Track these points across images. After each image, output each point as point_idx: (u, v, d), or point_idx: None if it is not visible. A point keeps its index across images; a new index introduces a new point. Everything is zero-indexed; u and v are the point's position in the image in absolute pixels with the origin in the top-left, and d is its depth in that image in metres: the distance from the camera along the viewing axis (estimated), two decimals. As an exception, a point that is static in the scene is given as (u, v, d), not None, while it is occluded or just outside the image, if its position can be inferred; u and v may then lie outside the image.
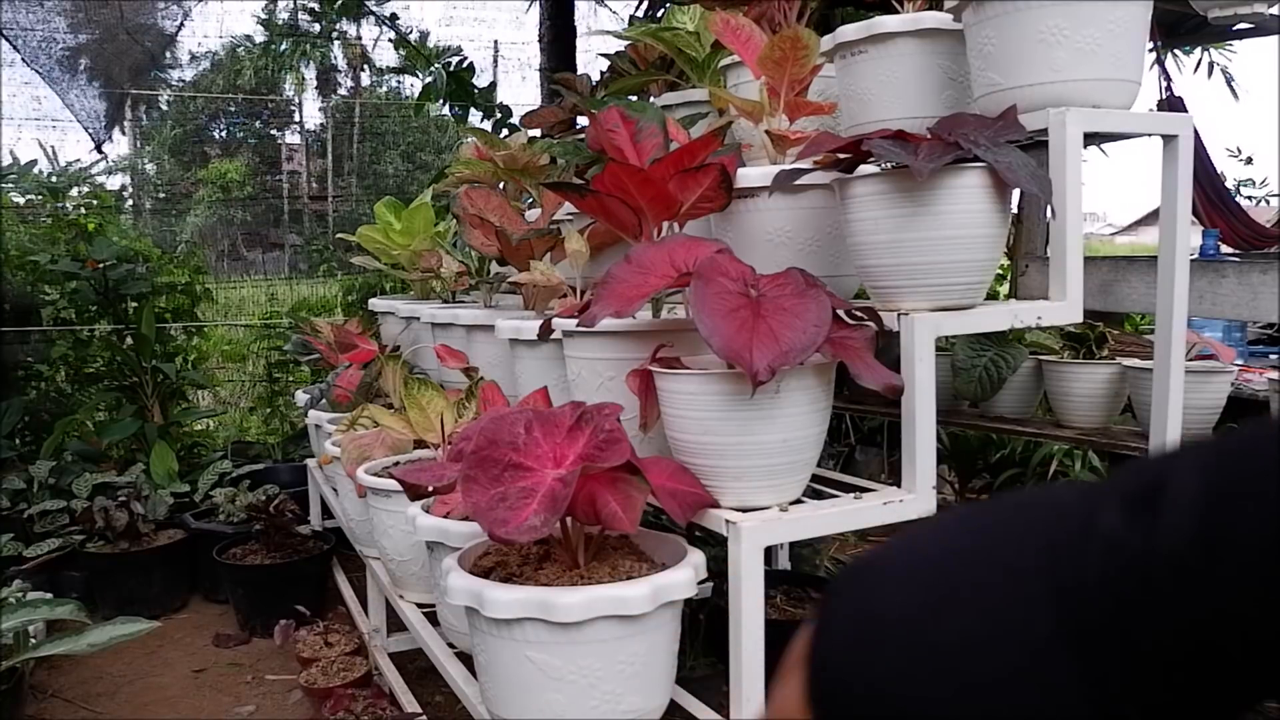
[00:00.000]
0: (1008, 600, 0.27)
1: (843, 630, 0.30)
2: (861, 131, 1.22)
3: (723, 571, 1.15)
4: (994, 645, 0.27)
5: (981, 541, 0.29)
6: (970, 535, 0.29)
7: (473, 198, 1.94)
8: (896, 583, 0.29)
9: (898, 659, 0.28)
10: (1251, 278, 2.11)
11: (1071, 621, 0.26)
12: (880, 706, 0.28)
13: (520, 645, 1.05)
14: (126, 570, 2.95)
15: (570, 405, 1.14)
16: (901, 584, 0.29)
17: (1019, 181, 1.10)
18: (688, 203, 1.29)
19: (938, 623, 0.28)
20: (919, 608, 0.28)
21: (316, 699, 2.13)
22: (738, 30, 1.47)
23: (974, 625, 0.27)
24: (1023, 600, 0.27)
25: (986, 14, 1.25)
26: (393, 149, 14.86)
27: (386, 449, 1.84)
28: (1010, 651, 0.26)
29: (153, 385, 3.68)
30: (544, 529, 1.00)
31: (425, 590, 1.72)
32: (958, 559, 0.28)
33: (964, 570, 0.28)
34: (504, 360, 1.75)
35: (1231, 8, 3.11)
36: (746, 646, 1.08)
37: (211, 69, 16.89)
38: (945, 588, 0.28)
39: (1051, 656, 0.26)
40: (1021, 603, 0.27)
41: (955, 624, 0.27)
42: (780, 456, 1.11)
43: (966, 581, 0.28)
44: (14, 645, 1.99)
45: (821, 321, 1.03)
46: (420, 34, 12.59)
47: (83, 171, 4.53)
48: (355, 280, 4.44)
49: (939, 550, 0.29)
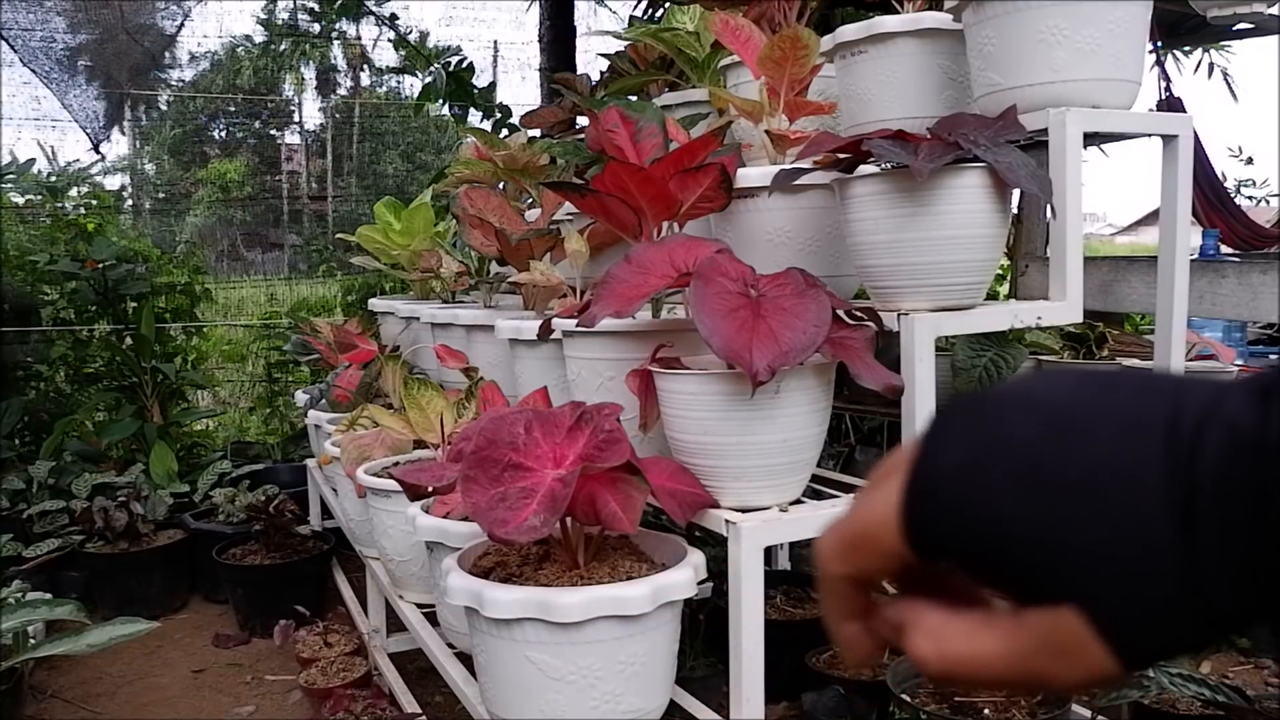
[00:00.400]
0: (1126, 452, 0.27)
1: (958, 445, 0.29)
2: (861, 131, 1.22)
3: (723, 571, 1.15)
4: (1107, 491, 0.26)
5: (1107, 395, 0.28)
6: (1096, 388, 0.29)
7: (472, 198, 1.94)
8: (1021, 412, 0.29)
9: (1009, 481, 0.28)
10: (1251, 278, 2.11)
11: (1180, 491, 0.26)
12: (981, 524, 0.28)
13: (520, 645, 1.05)
14: (126, 570, 2.95)
15: (570, 405, 1.14)
16: (1025, 413, 0.29)
17: (1019, 181, 1.10)
18: (688, 202, 1.29)
19: (1059, 455, 0.27)
20: (1042, 437, 0.28)
21: (316, 699, 2.13)
22: (737, 30, 1.47)
23: (1092, 467, 0.27)
24: (1141, 459, 0.27)
25: (986, 14, 1.25)
26: (392, 149, 14.86)
27: (386, 449, 1.84)
28: (1121, 502, 0.26)
29: (152, 385, 3.67)
30: (544, 529, 1.00)
31: (425, 590, 1.71)
32: (1082, 404, 0.28)
33: (1089, 414, 0.28)
34: (504, 360, 1.75)
35: (1231, 8, 3.12)
36: (746, 646, 1.08)
37: (211, 69, 16.88)
38: (1069, 425, 0.28)
39: (1156, 520, 0.26)
40: (1140, 460, 0.27)
41: (1075, 461, 0.27)
42: (780, 456, 1.11)
43: (1090, 424, 0.28)
44: (13, 645, 1.99)
45: (821, 321, 1.03)
46: (420, 34, 12.57)
47: (82, 171, 4.53)
48: (355, 280, 4.43)
49: (1064, 394, 0.29)
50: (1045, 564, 0.28)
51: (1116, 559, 0.26)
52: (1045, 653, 0.28)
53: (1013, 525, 0.28)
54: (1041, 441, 0.28)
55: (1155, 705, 1.68)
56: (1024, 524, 0.27)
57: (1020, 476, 0.28)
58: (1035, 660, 0.29)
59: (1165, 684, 1.40)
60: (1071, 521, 0.27)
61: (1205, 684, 1.41)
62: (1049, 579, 0.28)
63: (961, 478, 0.29)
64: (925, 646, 0.31)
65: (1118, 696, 1.42)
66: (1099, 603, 0.27)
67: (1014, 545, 0.28)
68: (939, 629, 0.31)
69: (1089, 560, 0.27)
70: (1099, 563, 0.27)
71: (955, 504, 0.29)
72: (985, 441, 0.29)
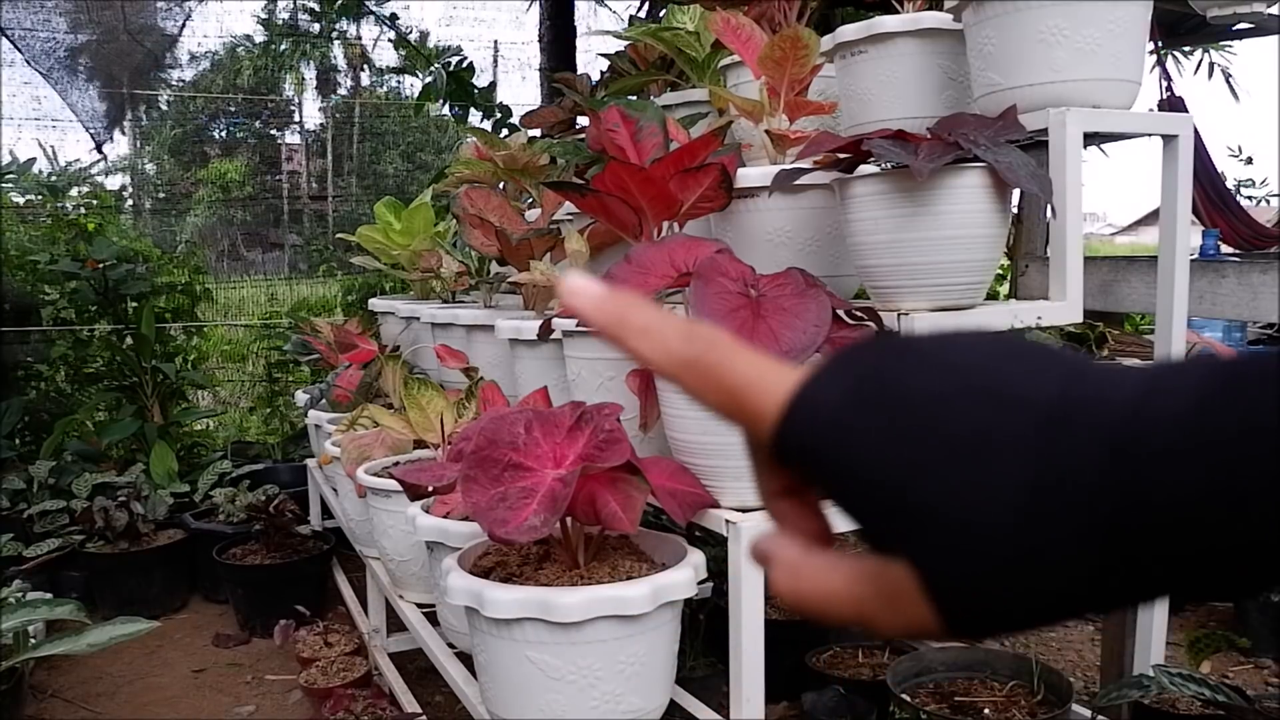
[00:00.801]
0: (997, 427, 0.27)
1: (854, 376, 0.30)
2: (861, 131, 1.22)
3: (723, 571, 1.15)
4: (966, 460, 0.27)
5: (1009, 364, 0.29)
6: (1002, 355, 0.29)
7: (473, 198, 1.94)
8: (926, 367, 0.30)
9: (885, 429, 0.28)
10: (1251, 278, 2.11)
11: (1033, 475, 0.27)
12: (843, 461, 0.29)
13: (520, 645, 1.05)
14: (126, 570, 2.95)
15: (570, 405, 1.14)
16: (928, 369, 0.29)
17: (1019, 181, 1.10)
18: (688, 202, 1.29)
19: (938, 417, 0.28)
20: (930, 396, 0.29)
21: (316, 699, 2.13)
22: (738, 30, 1.47)
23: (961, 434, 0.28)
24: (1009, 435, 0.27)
25: (986, 14, 1.25)
26: (393, 149, 14.86)
27: (386, 449, 1.84)
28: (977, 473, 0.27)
29: (152, 385, 3.67)
30: (544, 529, 1.00)
31: (425, 590, 1.72)
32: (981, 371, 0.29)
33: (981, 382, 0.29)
34: (504, 360, 1.75)
35: (1231, 7, 3.11)
36: (746, 646, 1.08)
37: (211, 69, 16.88)
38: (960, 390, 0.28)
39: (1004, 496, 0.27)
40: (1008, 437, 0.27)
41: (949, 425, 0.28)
42: (780, 456, 1.11)
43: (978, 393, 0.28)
44: (14, 645, 1.99)
45: (821, 321, 1.03)
46: (420, 34, 12.58)
47: (82, 171, 4.54)
48: (355, 280, 4.43)
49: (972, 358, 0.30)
50: (892, 515, 0.28)
51: (957, 527, 0.27)
52: (877, 600, 0.30)
53: (873, 471, 0.28)
54: (927, 400, 0.28)
55: (1155, 705, 1.68)
56: (883, 472, 0.28)
57: (896, 428, 0.28)
58: (869, 605, 0.30)
59: (1165, 684, 1.40)
60: (927, 481, 0.27)
61: (1205, 684, 1.41)
62: (893, 531, 0.29)
63: (843, 409, 0.29)
64: (782, 581, 0.32)
65: (1117, 696, 1.42)
66: (933, 565, 0.28)
67: (869, 489, 0.29)
68: (795, 565, 0.32)
69: (932, 521, 0.27)
70: (941, 526, 0.27)
71: (828, 433, 0.30)
72: (879, 383, 0.29)
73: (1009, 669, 1.75)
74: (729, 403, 0.32)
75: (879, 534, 0.29)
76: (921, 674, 1.78)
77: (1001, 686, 1.73)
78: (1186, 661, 1.68)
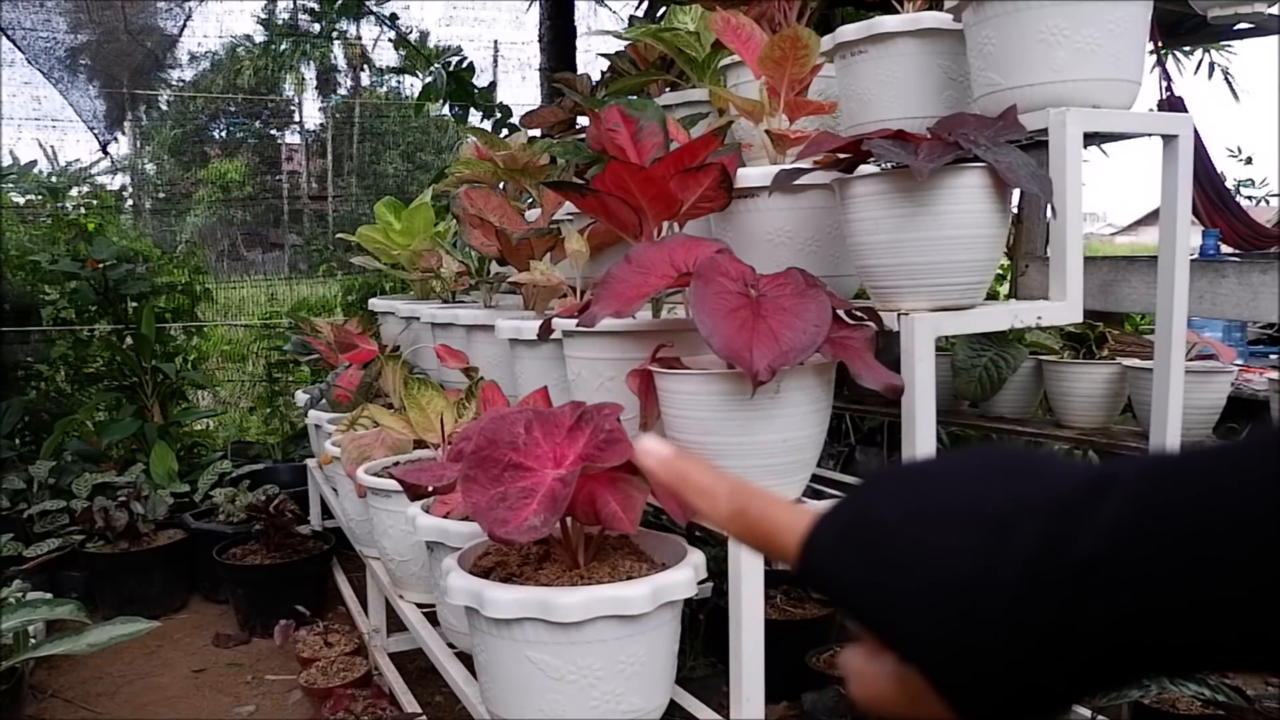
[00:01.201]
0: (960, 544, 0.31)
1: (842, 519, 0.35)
2: (861, 131, 1.22)
3: (723, 571, 1.15)
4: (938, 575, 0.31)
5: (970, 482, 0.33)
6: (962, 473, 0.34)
7: (473, 198, 1.94)
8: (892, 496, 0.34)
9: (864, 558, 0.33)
10: (1251, 278, 2.11)
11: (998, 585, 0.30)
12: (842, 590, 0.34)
13: (520, 645, 1.05)
14: (126, 570, 2.95)
15: (570, 405, 1.14)
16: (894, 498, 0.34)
17: (1019, 181, 1.10)
18: (688, 202, 1.29)
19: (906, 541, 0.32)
20: (897, 522, 0.33)
21: (316, 699, 2.13)
22: (738, 29, 1.47)
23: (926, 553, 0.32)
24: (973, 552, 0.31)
25: (986, 14, 1.25)
26: (393, 149, 14.85)
27: (386, 449, 1.84)
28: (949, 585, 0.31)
29: (153, 385, 3.68)
30: (544, 529, 1.00)
31: (425, 590, 1.72)
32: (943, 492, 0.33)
33: (943, 503, 0.33)
34: (504, 360, 1.75)
35: (1231, 7, 3.11)
36: (746, 646, 1.08)
37: (211, 69, 16.88)
38: (921, 515, 0.33)
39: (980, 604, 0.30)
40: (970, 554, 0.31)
41: (916, 546, 0.32)
42: (780, 456, 1.11)
43: (939, 514, 0.32)
44: (14, 645, 1.99)
45: (821, 321, 1.03)
46: (420, 34, 12.57)
47: (82, 171, 4.53)
48: (355, 280, 4.43)
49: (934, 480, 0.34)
50: (890, 630, 0.33)
51: (945, 634, 0.31)
52: (906, 698, 0.33)
53: (862, 595, 0.33)
54: (895, 526, 0.33)
55: (1155, 705, 1.68)
56: (869, 597, 0.33)
57: (871, 557, 0.33)
58: (908, 705, 0.34)
59: (1165, 684, 1.40)
60: (908, 597, 0.31)
61: (1205, 684, 1.41)
62: (896, 643, 0.33)
63: (835, 545, 0.34)
64: (853, 688, 0.36)
65: (1117, 696, 1.42)
66: (935, 669, 0.32)
67: (863, 612, 0.33)
68: (860, 673, 0.36)
69: (924, 630, 0.31)
70: (933, 634, 0.31)
71: (829, 569, 0.35)
72: (857, 520, 0.34)
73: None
74: (767, 545, 0.38)
75: (880, 639, 0.33)
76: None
77: (1001, 686, 1.73)
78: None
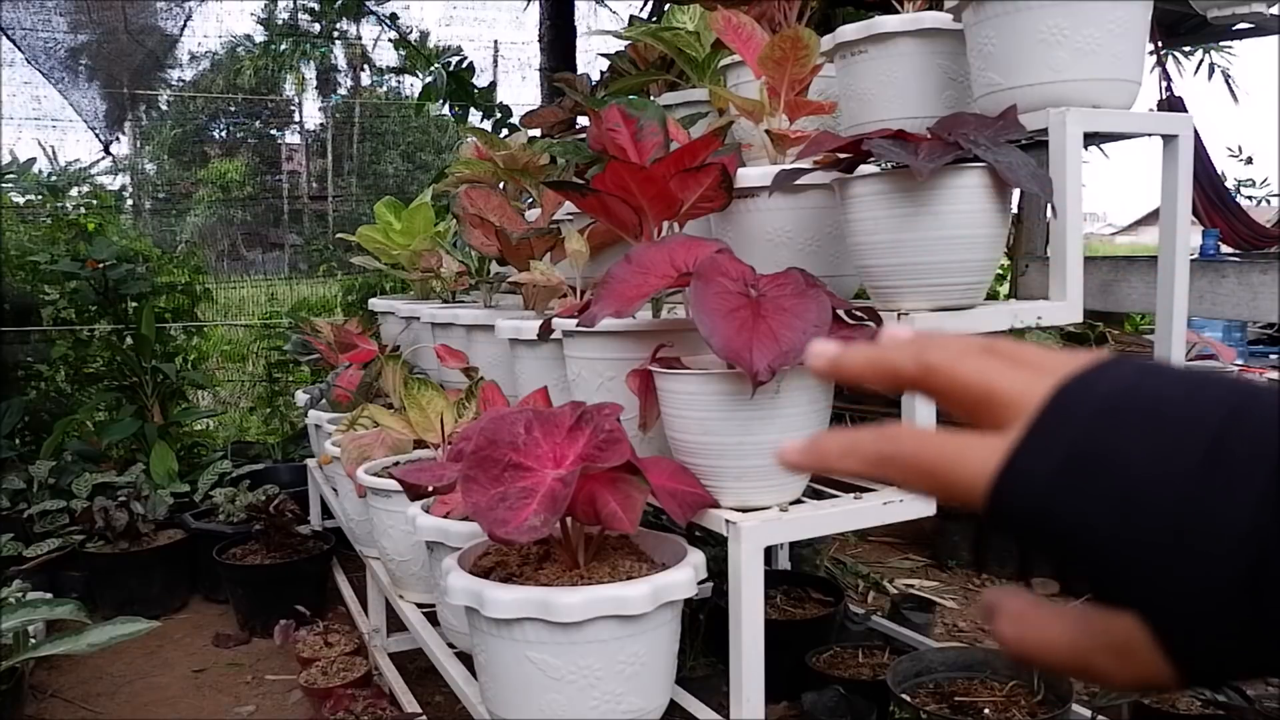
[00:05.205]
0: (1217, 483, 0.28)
1: (1063, 447, 0.31)
2: (861, 131, 1.22)
3: (723, 571, 1.15)
4: (1192, 517, 0.28)
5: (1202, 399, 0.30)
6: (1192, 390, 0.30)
7: (473, 198, 1.94)
8: (1131, 426, 0.30)
9: (1102, 495, 0.29)
10: (1251, 278, 2.12)
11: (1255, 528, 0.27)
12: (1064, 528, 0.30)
13: (520, 645, 1.05)
14: (126, 570, 2.95)
15: (570, 405, 1.14)
16: (1135, 429, 0.30)
17: (1019, 181, 1.10)
18: (688, 202, 1.29)
19: (1157, 477, 0.29)
20: (1145, 457, 0.29)
21: (316, 699, 2.13)
22: (739, 29, 1.47)
23: (1183, 492, 0.28)
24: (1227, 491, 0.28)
25: (986, 14, 1.25)
26: (393, 149, 14.84)
27: (386, 449, 1.84)
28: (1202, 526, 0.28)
29: (153, 385, 3.67)
30: (544, 529, 1.00)
31: (425, 590, 1.72)
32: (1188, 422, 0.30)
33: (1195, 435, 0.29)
34: (504, 360, 1.75)
35: (1231, 8, 3.11)
36: (746, 646, 1.08)
37: (211, 69, 16.87)
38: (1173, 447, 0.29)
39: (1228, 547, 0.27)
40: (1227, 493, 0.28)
41: (1169, 484, 0.29)
42: (780, 456, 1.11)
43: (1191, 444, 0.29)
44: (14, 645, 1.99)
45: (821, 321, 1.03)
46: (420, 34, 12.58)
47: (82, 171, 4.53)
48: (355, 280, 4.44)
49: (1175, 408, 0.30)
50: (1118, 576, 0.29)
51: (1187, 581, 0.28)
52: (1106, 651, 0.31)
53: (1094, 535, 0.29)
54: (1144, 461, 0.29)
55: (1155, 705, 1.68)
56: (1105, 535, 0.29)
57: (1114, 493, 0.29)
58: (1096, 656, 0.31)
59: (1165, 684, 1.40)
60: (1152, 539, 0.28)
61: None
62: (1120, 587, 0.30)
63: (1056, 482, 0.30)
64: (1006, 629, 0.33)
65: (1117, 696, 1.42)
66: (1163, 617, 0.29)
67: (1092, 553, 0.30)
68: (1021, 614, 0.33)
69: (1162, 578, 0.28)
70: (1171, 582, 0.28)
71: (1044, 505, 0.31)
72: (1089, 452, 0.30)
73: (1009, 669, 1.75)
74: (935, 484, 0.34)
75: (1105, 591, 0.30)
76: (921, 674, 1.78)
77: (1001, 686, 1.73)
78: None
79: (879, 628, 2.25)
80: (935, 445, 0.34)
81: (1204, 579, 0.28)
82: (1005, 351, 0.34)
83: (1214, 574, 0.27)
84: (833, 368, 0.37)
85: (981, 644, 2.51)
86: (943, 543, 3.20)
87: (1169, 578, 0.28)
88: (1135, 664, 0.30)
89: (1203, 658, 0.29)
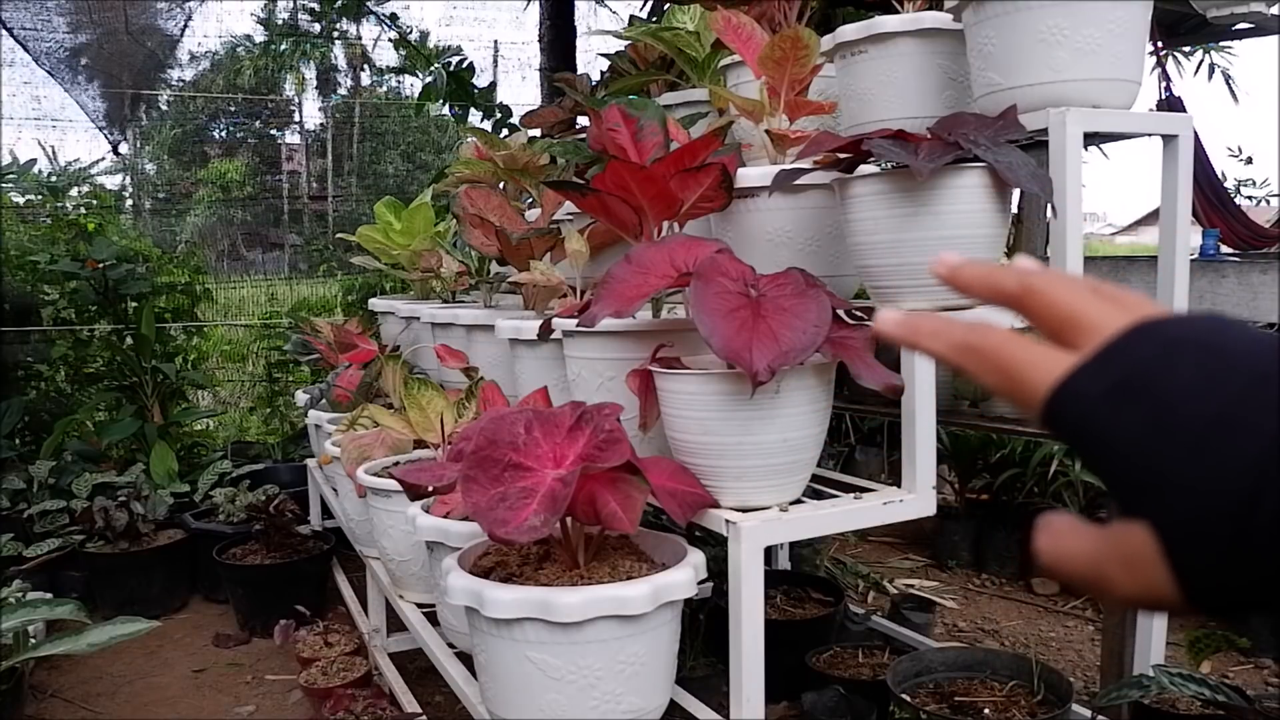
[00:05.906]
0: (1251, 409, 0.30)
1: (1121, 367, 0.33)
2: (861, 131, 1.22)
3: (723, 571, 1.15)
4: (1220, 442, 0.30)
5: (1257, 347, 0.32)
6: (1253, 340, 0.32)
7: (473, 198, 1.94)
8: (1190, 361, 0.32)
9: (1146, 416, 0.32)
10: (1251, 278, 2.12)
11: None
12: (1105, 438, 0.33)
13: (520, 645, 1.05)
14: (126, 570, 2.95)
15: (570, 405, 1.14)
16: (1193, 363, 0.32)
17: (1019, 181, 1.10)
18: (688, 202, 1.29)
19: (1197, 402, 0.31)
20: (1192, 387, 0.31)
21: (316, 699, 2.13)
22: (739, 28, 1.47)
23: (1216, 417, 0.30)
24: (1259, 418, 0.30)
25: (986, 14, 1.25)
26: (393, 149, 14.83)
27: (386, 449, 1.84)
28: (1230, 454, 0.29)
29: (153, 385, 3.67)
30: (544, 529, 1.00)
31: (425, 590, 1.72)
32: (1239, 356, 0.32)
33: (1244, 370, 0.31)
34: (504, 360, 1.75)
35: (1231, 8, 3.12)
36: (746, 646, 1.08)
37: (211, 69, 16.86)
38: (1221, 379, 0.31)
39: (1249, 478, 0.29)
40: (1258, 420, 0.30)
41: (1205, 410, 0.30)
42: (780, 456, 1.11)
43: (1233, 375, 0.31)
44: (14, 645, 1.99)
45: (821, 321, 1.03)
46: (420, 34, 12.56)
47: (82, 171, 4.53)
48: (355, 280, 4.44)
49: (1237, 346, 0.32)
50: (1141, 486, 0.31)
51: (1197, 493, 0.30)
52: (1119, 562, 0.33)
53: (1127, 448, 0.32)
54: (1190, 389, 0.31)
55: (1155, 705, 1.68)
56: (1133, 446, 0.31)
57: (1150, 411, 0.31)
58: (1110, 566, 0.33)
59: (1165, 684, 1.40)
60: (1173, 450, 0.30)
61: (1205, 684, 1.41)
62: (1138, 494, 0.32)
63: (1103, 401, 0.33)
64: (1042, 541, 0.35)
65: (1117, 696, 1.42)
66: (1171, 527, 0.30)
67: (1121, 464, 0.32)
68: (1059, 529, 0.35)
69: (1174, 488, 0.30)
70: (1181, 493, 0.30)
71: (1088, 419, 0.33)
72: (1138, 381, 0.32)
73: (1009, 669, 1.75)
74: (1005, 381, 0.36)
75: (1127, 500, 0.32)
76: (921, 674, 1.78)
77: (1001, 686, 1.73)
78: (1186, 661, 1.68)
79: (879, 628, 2.25)
80: (1016, 346, 0.36)
81: (1212, 494, 0.29)
82: (1102, 289, 0.37)
83: (1222, 489, 0.29)
84: (951, 275, 0.41)
85: (981, 644, 2.51)
86: (943, 543, 3.20)
87: (1180, 488, 0.30)
88: (1143, 576, 0.32)
89: (1203, 573, 0.30)
